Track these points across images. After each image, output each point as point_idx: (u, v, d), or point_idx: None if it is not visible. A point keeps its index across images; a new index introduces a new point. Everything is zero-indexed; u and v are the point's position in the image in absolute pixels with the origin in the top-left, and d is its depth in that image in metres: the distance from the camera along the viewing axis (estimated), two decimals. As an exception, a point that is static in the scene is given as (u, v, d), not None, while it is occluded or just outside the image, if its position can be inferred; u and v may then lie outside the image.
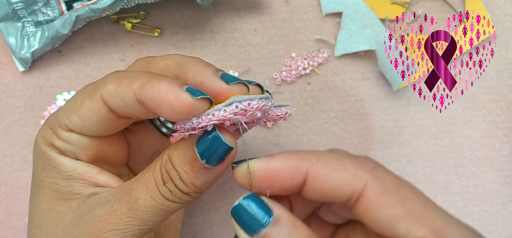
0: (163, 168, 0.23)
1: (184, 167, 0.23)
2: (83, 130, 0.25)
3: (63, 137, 0.25)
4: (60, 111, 0.25)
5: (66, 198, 0.25)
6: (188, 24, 0.39)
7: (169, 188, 0.23)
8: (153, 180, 0.23)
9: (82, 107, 0.24)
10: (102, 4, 0.35)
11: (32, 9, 0.37)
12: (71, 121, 0.24)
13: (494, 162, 0.40)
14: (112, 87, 0.23)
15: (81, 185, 0.25)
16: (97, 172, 0.26)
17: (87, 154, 0.26)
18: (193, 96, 0.21)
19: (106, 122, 0.24)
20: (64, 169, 0.25)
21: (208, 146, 0.22)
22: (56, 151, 0.25)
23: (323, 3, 0.39)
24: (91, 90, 0.24)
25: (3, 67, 0.38)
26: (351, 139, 0.39)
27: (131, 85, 0.23)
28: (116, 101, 0.23)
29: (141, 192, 0.23)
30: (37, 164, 0.26)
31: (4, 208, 0.38)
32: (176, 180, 0.23)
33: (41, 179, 0.25)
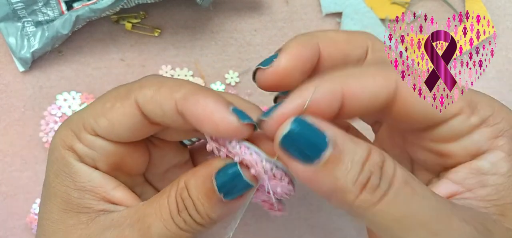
0: (179, 196, 0.22)
1: (200, 198, 0.22)
2: (110, 135, 0.24)
3: (87, 141, 0.24)
4: (85, 113, 0.24)
5: (76, 210, 0.24)
6: (188, 24, 0.39)
7: (184, 218, 0.22)
8: (167, 207, 0.23)
9: (112, 110, 0.23)
10: (102, 4, 0.35)
11: (32, 9, 0.37)
12: (99, 124, 0.23)
13: (494, 162, 0.40)
14: (150, 93, 0.22)
15: (93, 198, 0.24)
16: (113, 187, 0.25)
17: (107, 162, 0.24)
18: (239, 120, 0.21)
19: (138, 128, 0.23)
20: (79, 178, 0.24)
21: (228, 180, 0.21)
22: (75, 156, 0.24)
23: (323, 3, 0.39)
24: (124, 94, 0.23)
25: (3, 67, 0.38)
26: (351, 139, 0.39)
27: (172, 95, 0.22)
28: (153, 109, 0.22)
29: (155, 219, 0.22)
30: (51, 167, 0.25)
31: (4, 208, 0.38)
32: (191, 210, 0.22)
33: (53, 186, 0.24)
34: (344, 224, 0.39)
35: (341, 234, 0.39)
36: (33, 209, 0.37)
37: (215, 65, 0.39)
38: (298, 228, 0.39)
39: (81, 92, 0.38)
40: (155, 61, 0.39)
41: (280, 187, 0.22)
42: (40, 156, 0.38)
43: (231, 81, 0.39)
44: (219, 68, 0.39)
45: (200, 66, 0.39)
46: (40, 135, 0.37)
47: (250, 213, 0.39)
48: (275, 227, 0.39)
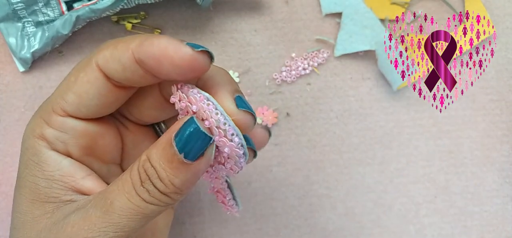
0: (141, 168, 0.22)
1: (162, 164, 0.21)
2: (80, 108, 0.23)
3: (57, 123, 0.23)
4: (52, 96, 0.24)
5: (43, 200, 0.23)
6: (188, 24, 0.39)
7: (147, 188, 0.22)
8: (130, 180, 0.22)
9: (77, 82, 0.23)
10: (102, 5, 0.35)
11: (33, 9, 0.37)
12: (66, 101, 0.23)
13: (494, 162, 0.40)
14: (108, 52, 0.22)
15: (60, 188, 0.24)
16: (82, 177, 0.24)
17: (79, 144, 0.24)
18: (193, 49, 0.21)
19: (104, 93, 0.23)
20: (47, 167, 0.23)
21: (187, 138, 0.21)
22: (45, 144, 0.24)
23: (323, 3, 0.39)
24: (85, 63, 0.23)
25: (3, 67, 0.38)
26: (351, 139, 0.39)
27: (128, 46, 0.22)
28: (113, 66, 0.22)
29: (117, 194, 0.22)
30: (21, 158, 0.24)
31: (4, 208, 0.38)
32: (154, 179, 0.22)
33: (22, 177, 0.24)
34: (344, 224, 0.39)
35: (341, 234, 0.39)
36: (33, 209, 0.37)
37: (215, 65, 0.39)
38: (298, 228, 0.39)
39: (81, 93, 0.38)
40: (155, 61, 0.39)
41: (228, 147, 0.22)
42: (40, 156, 0.38)
43: (231, 81, 0.39)
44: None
45: (200, 66, 0.39)
46: (40, 135, 0.37)
47: (250, 213, 0.39)
48: (275, 227, 0.39)
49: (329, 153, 0.39)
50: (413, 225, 0.39)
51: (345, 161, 0.39)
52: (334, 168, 0.39)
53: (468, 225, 0.39)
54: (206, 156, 0.22)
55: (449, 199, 0.40)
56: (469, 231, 0.39)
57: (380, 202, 0.39)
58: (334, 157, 0.39)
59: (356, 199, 0.39)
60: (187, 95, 0.22)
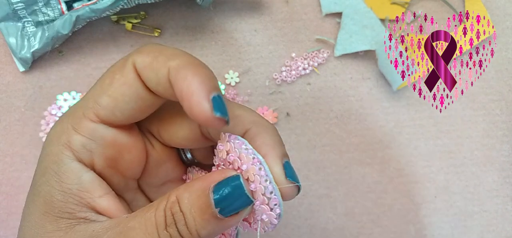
0: (168, 210, 0.21)
1: (193, 212, 0.20)
2: (115, 112, 0.22)
3: (87, 130, 0.22)
4: (83, 101, 0.23)
5: (56, 214, 0.22)
6: (188, 24, 0.39)
7: (170, 233, 0.20)
8: (154, 221, 0.21)
9: (112, 85, 0.22)
10: (102, 4, 0.35)
11: (33, 9, 0.37)
12: (101, 105, 0.22)
13: (494, 162, 0.40)
14: (148, 60, 0.21)
15: (75, 204, 0.22)
16: (99, 195, 0.23)
17: (105, 155, 0.23)
18: (212, 111, 0.20)
19: (140, 96, 0.22)
20: (66, 179, 0.22)
21: (228, 194, 0.20)
22: (70, 153, 0.22)
23: (323, 3, 0.39)
24: (121, 64, 0.22)
25: (3, 67, 0.38)
26: (351, 139, 0.39)
27: (168, 62, 0.21)
28: (149, 75, 0.21)
29: (138, 233, 0.21)
30: (39, 164, 0.23)
31: (4, 208, 0.38)
32: (180, 225, 0.20)
33: (38, 185, 0.22)
34: (344, 224, 0.39)
35: (341, 234, 0.39)
36: (33, 209, 0.37)
37: (215, 65, 0.39)
38: (298, 228, 0.39)
39: (81, 92, 0.38)
40: (155, 61, 0.39)
41: (267, 216, 0.21)
42: (40, 156, 0.38)
43: (231, 81, 0.39)
44: (219, 68, 0.39)
45: (200, 66, 0.39)
46: (40, 135, 0.37)
47: (250, 213, 0.39)
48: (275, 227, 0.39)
49: (329, 153, 0.39)
50: (413, 225, 0.39)
51: (345, 161, 0.39)
52: (334, 168, 0.39)
53: (468, 225, 0.39)
54: (240, 215, 0.21)
55: (449, 199, 0.40)
56: (469, 231, 0.39)
57: (380, 202, 0.39)
58: (334, 157, 0.39)
59: (356, 199, 0.39)
60: (239, 151, 0.21)
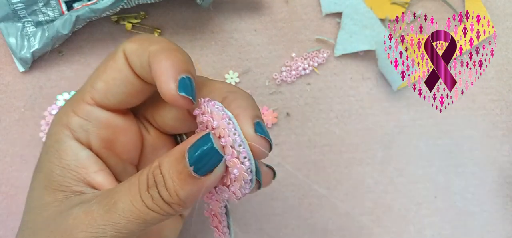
0: (150, 174, 0.22)
1: (171, 173, 0.22)
2: (108, 96, 0.24)
3: (83, 112, 0.24)
4: (83, 86, 0.25)
5: (55, 187, 0.24)
6: (188, 24, 0.39)
7: (152, 194, 0.22)
8: (137, 184, 0.22)
9: (106, 70, 0.24)
10: (102, 5, 0.35)
11: (32, 9, 0.37)
12: (96, 89, 0.24)
13: (494, 162, 0.40)
14: (135, 46, 0.24)
15: (73, 178, 0.24)
16: (95, 171, 0.25)
17: (101, 136, 0.25)
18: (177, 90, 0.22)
19: (130, 82, 0.24)
20: (65, 155, 0.24)
21: (200, 153, 0.21)
22: (69, 132, 0.24)
23: (323, 3, 0.39)
24: (114, 52, 0.24)
25: (3, 67, 0.38)
26: (351, 139, 0.39)
27: (148, 48, 0.23)
28: (134, 60, 0.23)
29: (122, 195, 0.22)
30: (44, 144, 0.25)
31: (4, 208, 0.38)
32: (160, 186, 0.22)
33: (41, 162, 0.25)
34: (344, 224, 0.39)
35: (341, 234, 0.39)
36: (33, 209, 0.37)
37: (215, 65, 0.39)
38: (298, 228, 0.39)
39: (81, 93, 0.38)
40: (155, 61, 0.39)
41: (237, 169, 0.22)
42: (40, 156, 0.38)
43: (231, 81, 0.39)
44: (219, 68, 0.39)
45: (200, 66, 0.39)
46: (40, 135, 0.37)
47: (250, 213, 0.39)
48: (275, 227, 0.39)
49: (329, 153, 0.39)
50: (413, 225, 0.39)
51: (345, 161, 0.39)
52: (334, 168, 0.39)
53: (468, 225, 0.39)
54: (214, 173, 0.22)
55: (449, 199, 0.40)
56: (469, 231, 0.39)
57: (380, 202, 0.39)
58: (334, 157, 0.39)
59: (356, 199, 0.39)
60: (211, 110, 0.22)
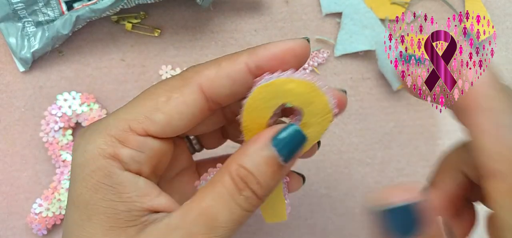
0: (236, 177, 0.22)
1: (261, 168, 0.22)
2: (166, 130, 0.23)
3: (136, 143, 0.22)
4: (126, 114, 0.23)
5: (123, 225, 0.22)
6: (188, 24, 0.39)
7: (246, 195, 0.22)
8: (226, 192, 0.22)
9: (169, 103, 0.22)
10: (102, 5, 0.35)
11: (33, 9, 0.37)
12: (154, 121, 0.22)
13: (494, 162, 0.40)
14: (211, 72, 0.23)
15: (139, 210, 0.22)
16: (156, 195, 0.23)
17: (152, 164, 0.23)
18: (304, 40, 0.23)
19: (197, 115, 0.23)
20: (124, 189, 0.22)
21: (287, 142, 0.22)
22: (119, 164, 0.22)
23: (323, 3, 0.39)
24: (180, 84, 0.23)
25: (3, 67, 0.38)
26: (351, 139, 0.39)
27: (238, 62, 0.23)
28: (221, 83, 0.23)
29: (218, 208, 0.21)
30: (86, 182, 0.22)
31: (4, 208, 0.38)
32: (253, 185, 0.22)
33: (93, 203, 0.22)
34: (344, 224, 0.39)
35: (341, 234, 0.39)
36: (33, 209, 0.37)
37: (215, 65, 0.39)
38: (298, 228, 0.39)
39: (81, 92, 0.38)
40: (155, 61, 0.39)
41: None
42: (40, 156, 0.38)
43: (231, 81, 0.39)
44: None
45: (200, 66, 0.39)
46: (40, 134, 0.37)
47: (250, 213, 0.39)
48: (275, 227, 0.39)
49: (329, 153, 0.39)
50: (413, 225, 0.39)
51: (345, 161, 0.39)
52: (334, 168, 0.39)
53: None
54: (296, 155, 0.23)
55: (449, 199, 0.40)
56: (469, 231, 0.39)
57: (380, 202, 0.39)
58: (334, 157, 0.39)
59: (356, 199, 0.39)
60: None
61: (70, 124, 0.37)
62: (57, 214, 0.37)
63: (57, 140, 0.37)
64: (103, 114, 0.38)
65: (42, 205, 0.37)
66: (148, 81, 0.39)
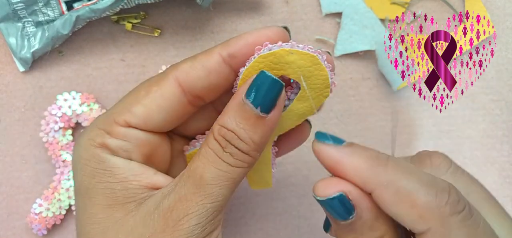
0: (218, 136, 0.23)
1: (240, 124, 0.22)
2: (146, 121, 0.24)
3: (120, 133, 0.24)
4: (113, 109, 0.24)
5: (122, 202, 0.23)
6: (188, 24, 0.39)
7: (230, 152, 0.22)
8: (211, 151, 0.23)
9: (148, 96, 0.24)
10: (102, 5, 0.35)
11: (33, 9, 0.37)
12: (134, 113, 0.24)
13: (494, 162, 0.40)
14: (187, 65, 0.24)
15: (136, 187, 0.24)
16: (154, 173, 0.24)
17: (141, 153, 0.25)
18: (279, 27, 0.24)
19: (176, 108, 0.24)
20: (118, 170, 0.24)
21: (258, 90, 0.22)
22: (108, 151, 0.24)
23: (323, 3, 0.39)
24: (158, 78, 0.24)
25: (3, 67, 0.38)
26: (351, 139, 0.39)
27: (212, 53, 0.24)
28: (196, 74, 0.24)
29: (204, 166, 0.22)
30: (83, 171, 0.24)
31: (4, 208, 0.38)
32: (235, 141, 0.22)
33: (92, 187, 0.24)
34: (344, 224, 0.39)
35: (341, 234, 0.39)
36: (33, 209, 0.37)
37: (215, 65, 0.39)
38: (298, 228, 0.39)
39: (81, 92, 0.38)
40: (155, 61, 0.39)
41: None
42: (40, 156, 0.38)
43: (231, 81, 0.39)
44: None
45: (200, 66, 0.39)
46: (40, 135, 0.37)
47: (250, 212, 0.39)
48: (275, 227, 0.39)
49: (329, 153, 0.39)
50: (413, 225, 0.39)
51: (345, 161, 0.39)
52: (334, 168, 0.39)
53: None
54: (278, 106, 0.23)
55: (449, 199, 0.40)
56: (469, 231, 0.39)
57: (380, 202, 0.39)
58: (334, 157, 0.39)
59: (356, 199, 0.39)
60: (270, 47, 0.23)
61: (70, 124, 0.37)
62: (57, 214, 0.37)
63: (57, 140, 0.37)
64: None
65: (42, 205, 0.37)
66: (148, 81, 0.39)
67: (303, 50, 0.22)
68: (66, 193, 0.37)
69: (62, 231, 0.38)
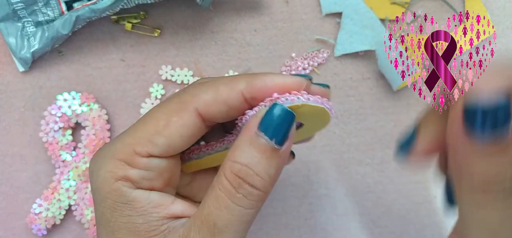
0: (230, 175, 0.22)
1: (255, 158, 0.21)
2: (168, 151, 0.24)
3: (142, 163, 0.24)
4: (131, 138, 0.24)
5: (144, 236, 0.23)
6: (188, 24, 0.39)
7: (243, 193, 0.22)
8: (223, 194, 0.22)
9: (169, 126, 0.24)
10: (102, 4, 0.35)
11: (32, 9, 0.37)
12: (156, 144, 0.24)
13: (494, 162, 0.40)
14: (209, 97, 0.24)
15: (156, 220, 0.24)
16: (171, 202, 0.24)
17: (163, 179, 0.25)
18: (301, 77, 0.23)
19: (196, 134, 0.24)
20: (138, 203, 0.24)
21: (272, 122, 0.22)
22: (130, 184, 0.24)
23: (323, 3, 0.39)
24: (178, 107, 0.24)
25: (3, 67, 0.38)
26: (351, 139, 0.39)
27: (235, 90, 0.23)
28: (218, 109, 0.24)
29: (217, 213, 0.22)
30: (104, 204, 0.24)
31: (4, 208, 0.38)
32: (249, 178, 0.22)
33: (113, 221, 0.24)
34: (344, 224, 0.39)
35: (341, 234, 0.39)
36: (33, 209, 0.37)
37: (215, 65, 0.39)
38: (298, 228, 0.39)
39: (81, 92, 0.38)
40: (155, 61, 0.39)
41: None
42: (40, 156, 0.38)
43: (231, 81, 0.39)
44: (219, 68, 0.39)
45: (200, 66, 0.39)
46: (40, 135, 0.37)
47: (250, 213, 0.39)
48: (275, 227, 0.39)
49: (329, 153, 0.39)
50: (413, 225, 0.39)
51: (345, 161, 0.39)
52: (334, 168, 0.39)
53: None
54: (290, 137, 0.22)
55: (449, 199, 0.40)
56: (469, 231, 0.39)
57: (380, 202, 0.39)
58: (334, 157, 0.39)
59: (356, 199, 0.39)
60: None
61: (70, 124, 0.37)
62: (57, 214, 0.37)
63: (57, 140, 0.37)
64: (102, 114, 0.38)
65: (42, 205, 0.37)
66: (148, 81, 0.39)
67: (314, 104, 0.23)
68: (66, 193, 0.37)
69: (62, 231, 0.38)
